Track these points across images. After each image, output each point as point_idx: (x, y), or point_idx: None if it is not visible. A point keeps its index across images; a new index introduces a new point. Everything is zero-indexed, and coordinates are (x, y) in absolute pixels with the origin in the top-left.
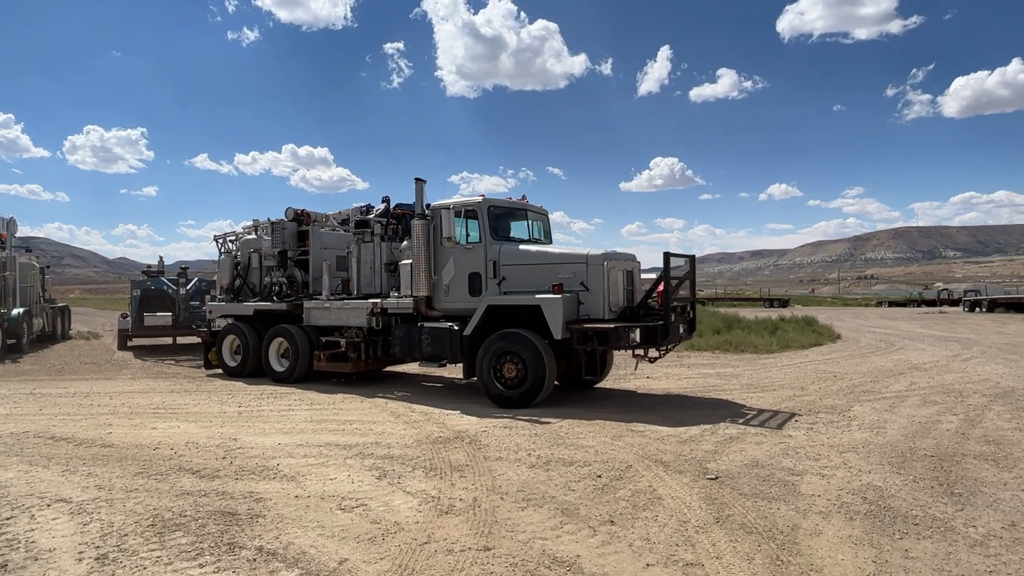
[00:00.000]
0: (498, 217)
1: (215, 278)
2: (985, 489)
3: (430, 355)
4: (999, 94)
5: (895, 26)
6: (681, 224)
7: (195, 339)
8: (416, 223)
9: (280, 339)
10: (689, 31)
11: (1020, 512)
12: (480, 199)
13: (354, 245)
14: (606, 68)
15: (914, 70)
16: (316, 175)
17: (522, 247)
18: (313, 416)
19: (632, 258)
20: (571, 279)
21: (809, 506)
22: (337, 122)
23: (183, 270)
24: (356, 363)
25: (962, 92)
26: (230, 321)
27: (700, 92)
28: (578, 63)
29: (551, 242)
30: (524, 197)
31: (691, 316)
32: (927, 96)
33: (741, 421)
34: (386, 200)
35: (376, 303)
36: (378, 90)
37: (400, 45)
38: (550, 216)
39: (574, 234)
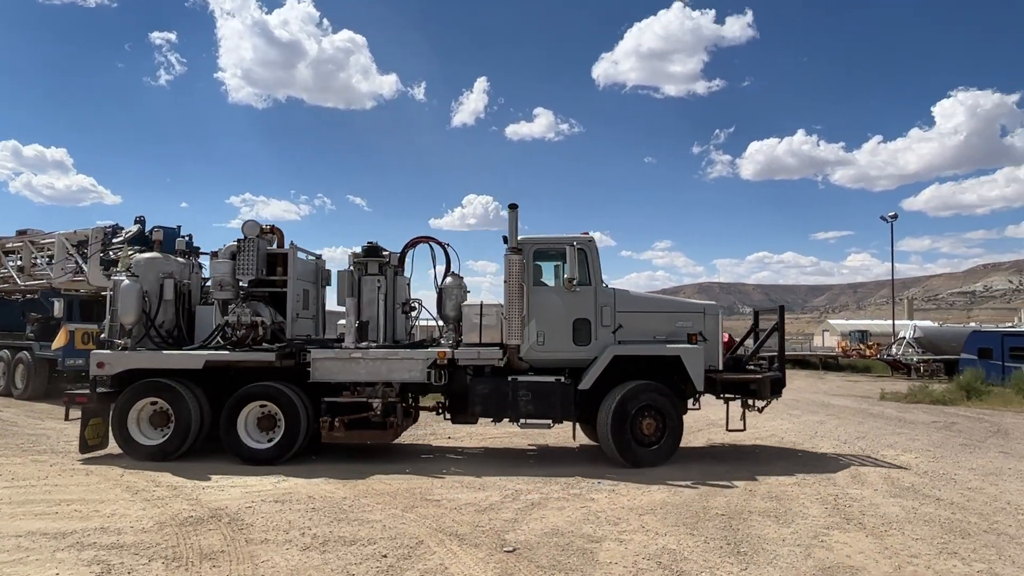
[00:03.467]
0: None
1: None
2: (767, 546)
3: (531, 413)
4: (787, 161)
5: (700, 87)
6: (495, 268)
7: None
8: (512, 259)
9: (258, 403)
10: (507, 65)
11: (795, 568)
12: (589, 237)
13: (368, 278)
14: (419, 93)
15: (717, 130)
16: (47, 182)
17: (634, 292)
18: (13, 496)
19: None
20: (689, 328)
21: (605, 575)
22: (81, 119)
23: None
24: (395, 430)
25: (756, 156)
26: (135, 379)
27: (517, 130)
28: (388, 83)
29: None
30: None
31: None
32: (728, 157)
33: (544, 485)
34: (140, 221)
35: (443, 352)
36: (139, 86)
37: (172, 36)
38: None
39: None
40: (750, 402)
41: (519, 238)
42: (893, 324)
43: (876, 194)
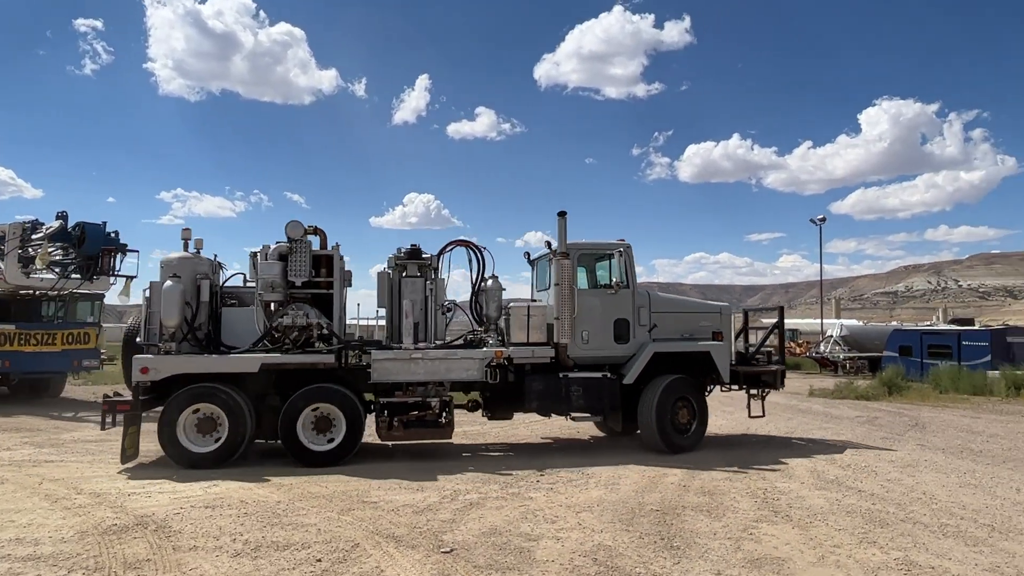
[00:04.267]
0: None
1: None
2: (699, 540)
3: (583, 407)
4: (723, 165)
5: (640, 89)
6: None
7: None
8: (563, 263)
9: (318, 405)
10: (449, 63)
11: (725, 560)
12: (627, 244)
13: (408, 280)
14: (360, 89)
15: (656, 133)
16: None
17: (664, 295)
18: None
19: None
20: (708, 328)
21: (542, 573)
22: None
23: None
24: (451, 427)
25: (694, 159)
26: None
27: (458, 128)
28: (328, 79)
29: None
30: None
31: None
32: (667, 159)
33: (482, 485)
34: (62, 216)
35: (500, 352)
36: (62, 75)
37: (98, 23)
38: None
39: None
40: (753, 391)
41: (574, 242)
42: (821, 323)
43: (806, 197)
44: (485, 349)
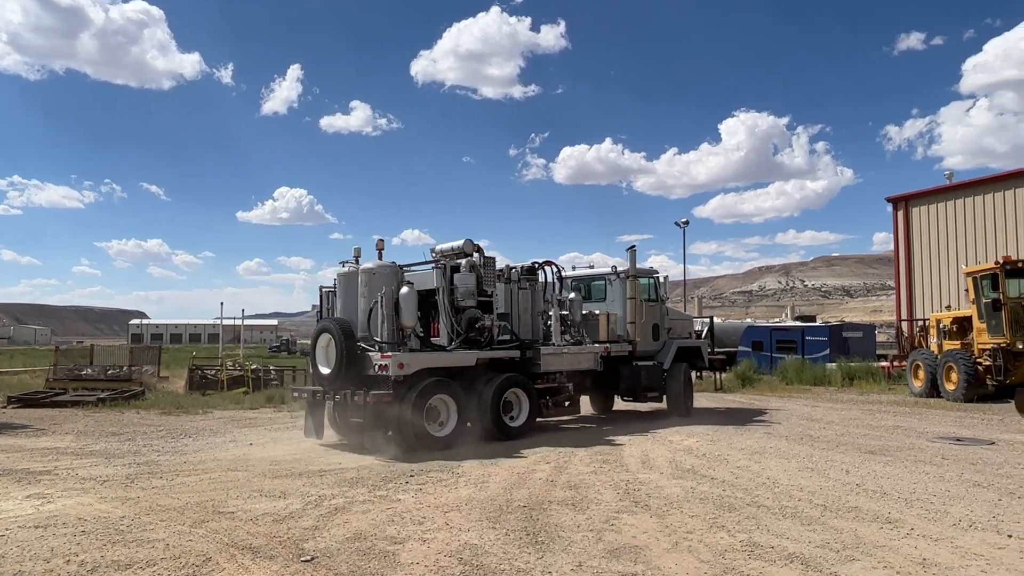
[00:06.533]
0: None
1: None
2: (563, 534)
3: (646, 388)
4: (595, 168)
5: (517, 91)
6: (309, 264)
7: None
8: (638, 283)
9: (512, 391)
10: (323, 54)
11: (586, 552)
12: (658, 271)
13: (522, 291)
14: (226, 76)
15: (532, 134)
16: None
17: (673, 308)
18: None
19: None
20: (688, 329)
21: None
22: None
23: None
24: (578, 407)
25: (568, 161)
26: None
27: (332, 122)
28: (190, 63)
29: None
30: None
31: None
32: (543, 160)
33: (349, 489)
34: None
35: (607, 347)
36: None
37: None
38: None
39: (177, 268)
40: (697, 374)
41: (642, 267)
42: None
43: (672, 201)
44: (596, 345)
